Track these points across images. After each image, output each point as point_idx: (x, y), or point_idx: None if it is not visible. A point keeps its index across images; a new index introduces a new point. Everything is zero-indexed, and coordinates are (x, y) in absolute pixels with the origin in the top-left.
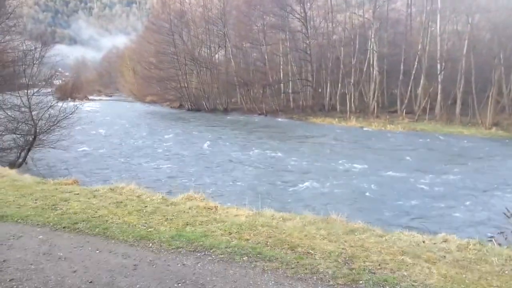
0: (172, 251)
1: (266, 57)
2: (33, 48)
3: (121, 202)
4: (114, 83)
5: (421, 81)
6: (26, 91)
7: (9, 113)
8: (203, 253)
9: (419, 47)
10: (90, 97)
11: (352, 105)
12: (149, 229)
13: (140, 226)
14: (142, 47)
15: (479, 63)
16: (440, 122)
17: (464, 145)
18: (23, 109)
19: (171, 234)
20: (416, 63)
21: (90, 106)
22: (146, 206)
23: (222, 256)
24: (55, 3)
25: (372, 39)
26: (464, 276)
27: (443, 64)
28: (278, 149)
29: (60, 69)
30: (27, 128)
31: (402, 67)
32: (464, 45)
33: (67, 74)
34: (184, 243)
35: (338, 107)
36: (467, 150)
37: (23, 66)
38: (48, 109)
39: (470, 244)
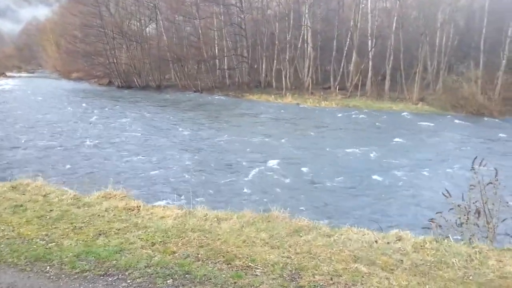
0: (76, 276)
1: (200, 31)
2: None
3: (20, 205)
4: (36, 58)
5: (353, 58)
6: None
7: None
8: (116, 277)
9: (351, 24)
10: (8, 74)
11: (288, 81)
12: (50, 245)
13: (38, 240)
14: (65, 19)
15: (406, 40)
16: (371, 98)
17: (396, 120)
18: None
19: (77, 251)
20: (348, 39)
21: (8, 84)
22: (51, 210)
23: (141, 280)
24: None
25: (306, 15)
26: (427, 287)
27: (374, 40)
28: (214, 130)
29: None
30: None
31: (335, 43)
32: (393, 22)
33: None
34: (93, 264)
35: (274, 83)
36: (399, 125)
37: None
38: None
39: (427, 243)
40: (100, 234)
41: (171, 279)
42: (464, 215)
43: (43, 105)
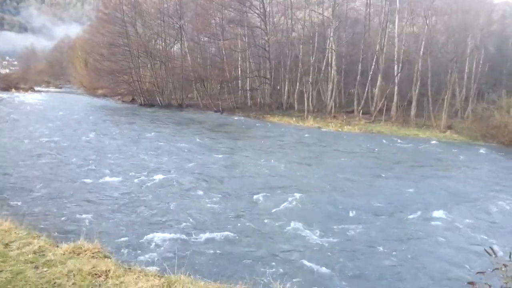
0: None
1: (223, 52)
2: None
3: None
4: (65, 74)
5: (378, 82)
6: None
7: None
8: None
9: (377, 48)
10: (37, 88)
11: (310, 104)
12: None
13: None
14: (94, 37)
15: (434, 65)
16: (396, 124)
17: (425, 150)
18: None
19: None
20: (373, 63)
21: (34, 99)
22: (0, 271)
23: None
24: None
25: (331, 38)
26: None
27: (400, 65)
28: (228, 155)
29: (7, 57)
30: None
31: (360, 67)
32: (420, 47)
33: (15, 63)
34: None
35: (296, 105)
36: (428, 155)
37: None
38: None
39: None
40: None
41: None
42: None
43: (62, 121)
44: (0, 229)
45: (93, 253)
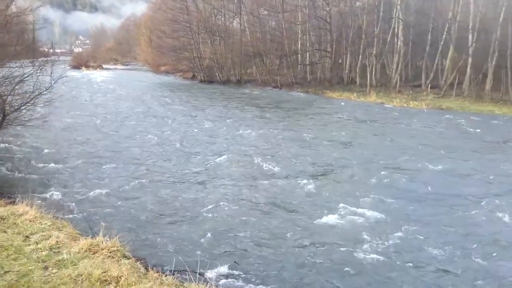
0: None
1: (283, 25)
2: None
3: None
4: (131, 52)
5: (450, 53)
6: None
7: None
8: None
9: (449, 16)
10: (105, 66)
11: (373, 78)
12: None
13: None
14: (157, 14)
15: None
16: (468, 99)
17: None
18: None
19: None
20: (445, 33)
21: (102, 76)
22: (5, 272)
23: None
24: None
25: (398, 7)
26: None
27: (475, 34)
28: (284, 139)
29: (80, 36)
30: None
31: (429, 37)
32: (500, 13)
33: (87, 41)
34: None
35: (358, 80)
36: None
37: None
38: (16, 84)
39: None
40: None
41: None
42: None
43: (123, 99)
44: (25, 218)
45: (110, 252)
